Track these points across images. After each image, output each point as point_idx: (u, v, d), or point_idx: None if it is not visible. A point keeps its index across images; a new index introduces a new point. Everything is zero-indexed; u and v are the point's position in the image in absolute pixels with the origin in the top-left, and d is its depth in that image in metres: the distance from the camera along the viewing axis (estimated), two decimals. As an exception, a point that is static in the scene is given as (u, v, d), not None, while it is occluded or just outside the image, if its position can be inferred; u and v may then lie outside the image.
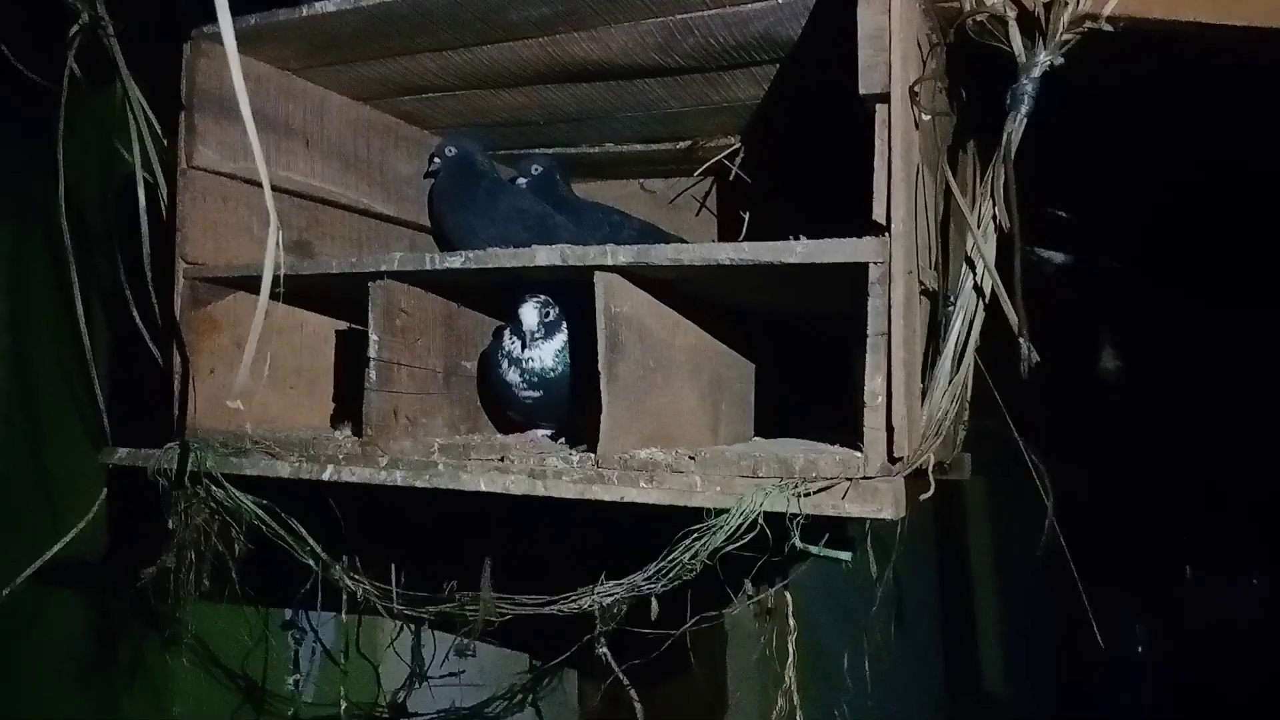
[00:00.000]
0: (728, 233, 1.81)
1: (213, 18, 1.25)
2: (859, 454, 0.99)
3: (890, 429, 0.98)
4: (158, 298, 1.41)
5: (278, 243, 1.05)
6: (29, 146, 1.80)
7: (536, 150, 1.75)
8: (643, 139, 1.71)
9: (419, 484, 1.09)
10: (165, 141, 1.48)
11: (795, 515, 0.94)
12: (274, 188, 1.42)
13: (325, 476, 1.13)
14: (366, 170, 1.60)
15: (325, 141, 1.52)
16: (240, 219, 1.39)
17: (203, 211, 1.35)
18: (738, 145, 1.65)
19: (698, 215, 1.86)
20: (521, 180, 1.68)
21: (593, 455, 1.10)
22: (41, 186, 1.63)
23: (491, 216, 1.60)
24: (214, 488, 1.20)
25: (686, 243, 1.75)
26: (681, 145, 1.70)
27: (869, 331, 0.98)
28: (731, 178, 1.68)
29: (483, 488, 1.06)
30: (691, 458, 1.06)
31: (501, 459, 1.14)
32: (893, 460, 0.99)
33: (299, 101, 1.47)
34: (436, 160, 1.64)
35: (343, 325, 1.54)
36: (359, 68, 1.44)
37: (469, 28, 1.27)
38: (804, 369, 1.61)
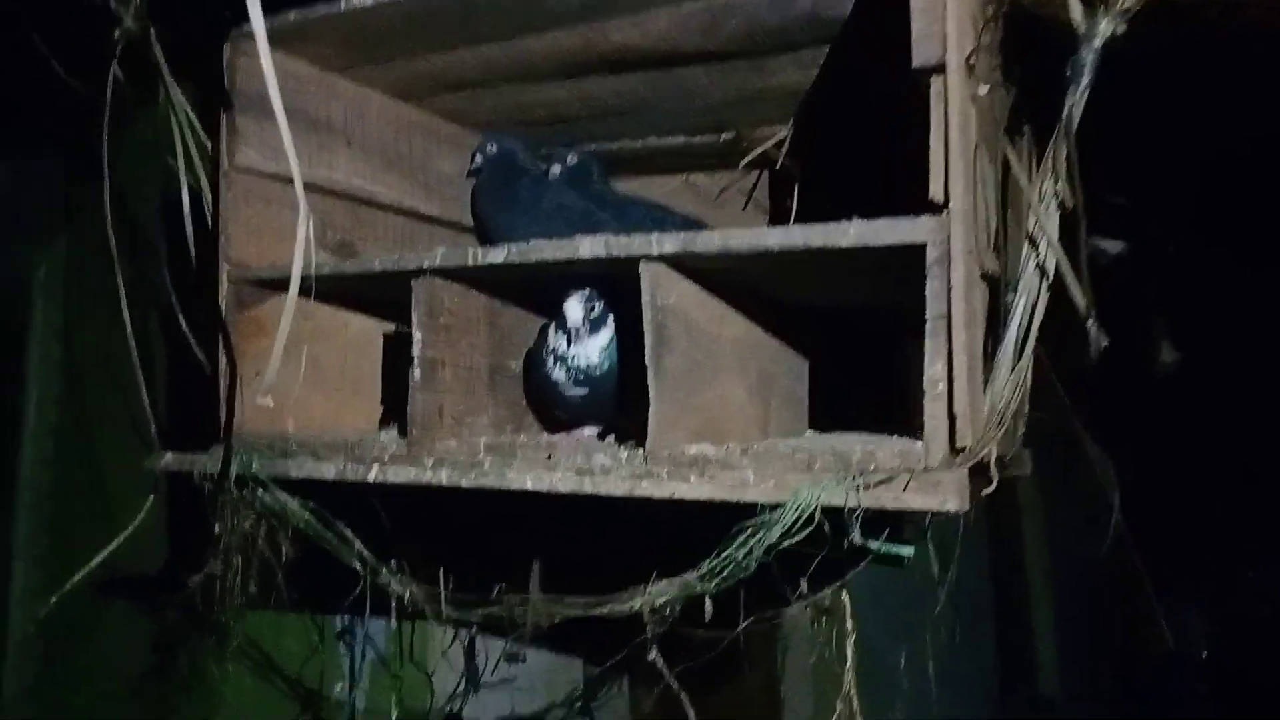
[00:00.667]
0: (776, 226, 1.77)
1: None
2: (919, 444, 0.94)
3: (952, 417, 0.93)
4: (204, 301, 1.41)
5: (309, 235, 1.02)
6: (78, 156, 1.82)
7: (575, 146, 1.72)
8: (686, 131, 1.67)
9: (465, 483, 1.07)
10: (209, 145, 1.48)
11: (854, 509, 0.89)
12: (316, 187, 1.43)
13: (370, 477, 1.11)
14: (409, 169, 1.59)
15: (367, 140, 1.51)
16: (284, 221, 1.38)
17: (246, 214, 1.35)
18: (784, 134, 1.61)
19: (745, 210, 1.82)
20: (556, 167, 1.64)
21: (641, 451, 1.07)
22: (91, 195, 1.64)
23: (534, 214, 1.58)
24: (260, 491, 1.19)
25: None
26: (726, 137, 1.66)
27: (928, 315, 0.94)
28: (778, 168, 1.63)
29: (529, 486, 1.03)
30: (744, 452, 1.02)
31: (549, 457, 1.11)
32: (955, 451, 0.95)
33: (340, 101, 1.46)
34: (478, 157, 1.62)
35: (389, 327, 1.53)
36: (398, 65, 1.42)
37: (508, 17, 1.25)
38: (858, 364, 1.57)
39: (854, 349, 1.55)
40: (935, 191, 0.94)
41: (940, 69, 0.94)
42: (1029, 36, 1.14)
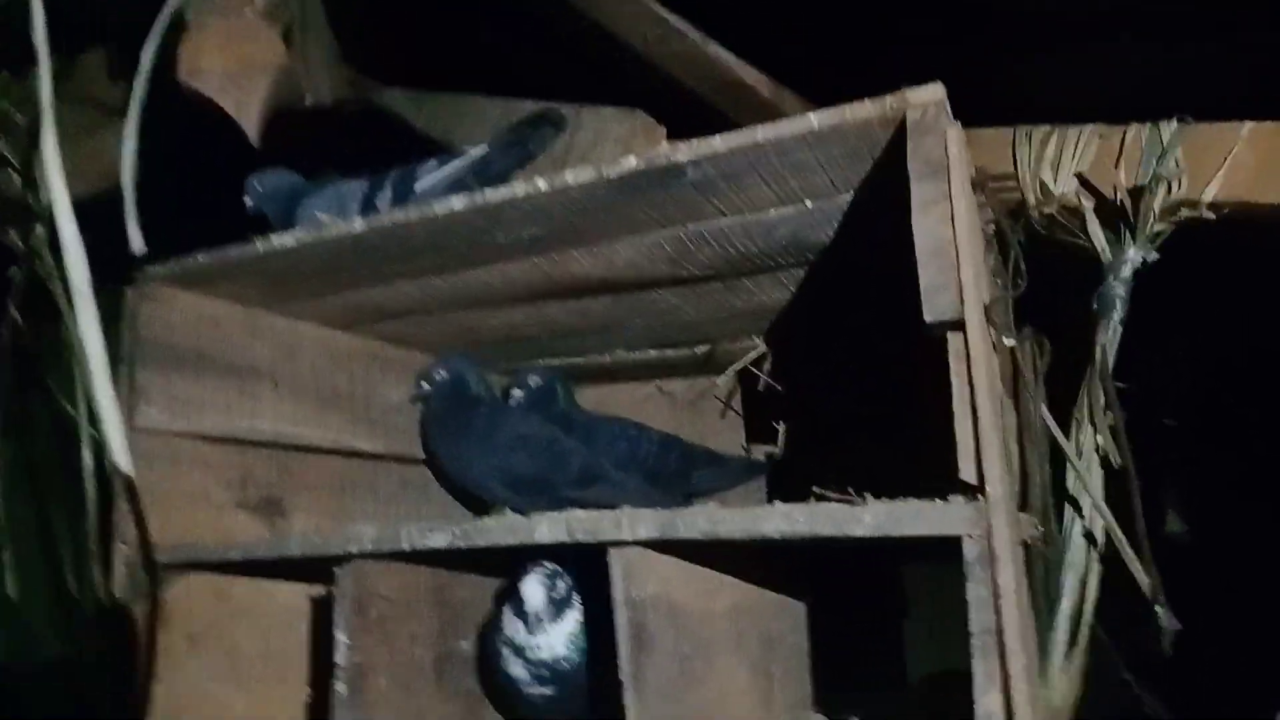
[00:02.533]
0: (755, 434, 1.60)
1: (158, 257, 1.11)
2: (978, 800, 0.73)
3: (1016, 766, 0.73)
4: (103, 579, 1.20)
5: None
6: None
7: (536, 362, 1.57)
8: (657, 345, 1.53)
9: None
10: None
11: None
12: (236, 441, 1.25)
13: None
14: (348, 404, 1.42)
15: (298, 379, 1.34)
16: (194, 484, 1.20)
17: (148, 481, 1.15)
18: (764, 349, 1.46)
19: (723, 418, 1.66)
20: (518, 392, 1.49)
21: (621, 789, 0.85)
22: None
23: (492, 446, 1.40)
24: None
25: (717, 454, 1.57)
26: (700, 350, 1.51)
27: (973, 629, 0.74)
28: (761, 386, 1.48)
29: None
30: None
31: (504, 798, 0.89)
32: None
33: (266, 340, 1.30)
34: (425, 385, 1.45)
35: (318, 591, 1.31)
36: (331, 299, 1.27)
37: (451, 253, 1.11)
38: (855, 595, 1.38)
39: (850, 581, 1.36)
40: (967, 473, 0.77)
41: (959, 325, 0.78)
42: (1047, 264, 1.01)
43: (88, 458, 1.27)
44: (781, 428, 1.48)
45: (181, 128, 1.21)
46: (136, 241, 0.88)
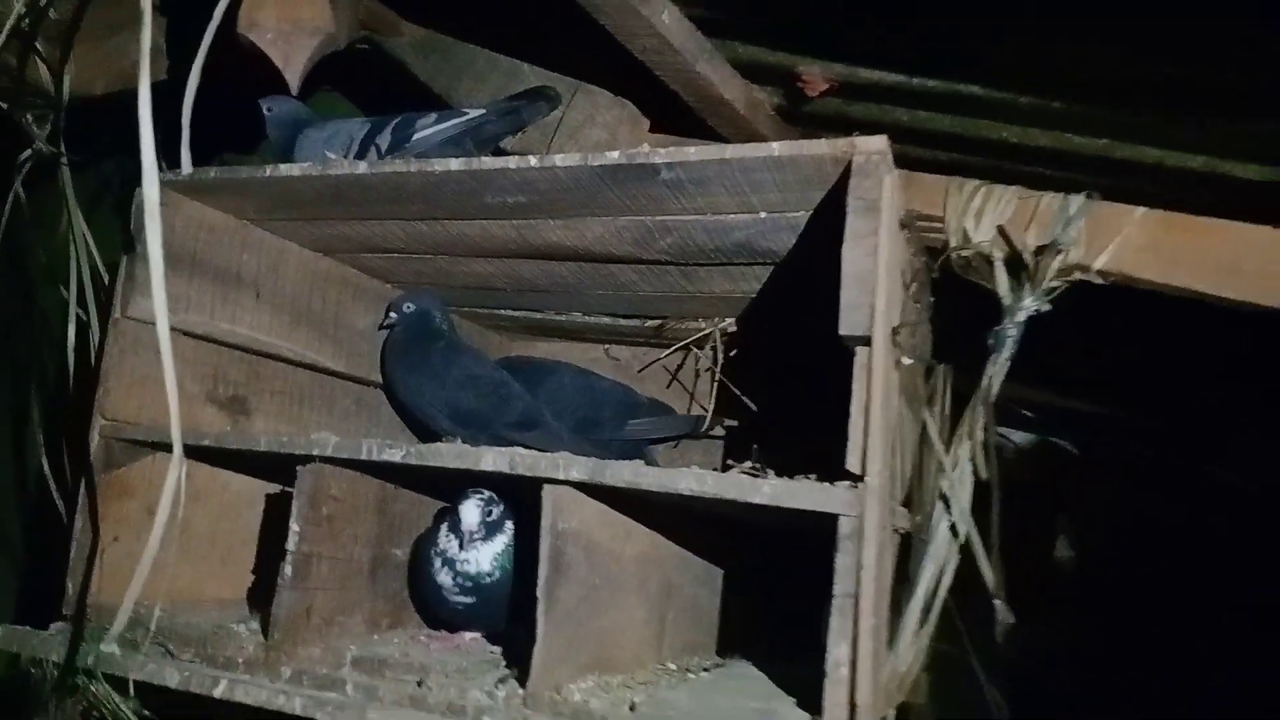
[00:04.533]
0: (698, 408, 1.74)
1: (171, 164, 1.20)
2: (817, 729, 0.89)
3: (853, 705, 0.88)
4: (70, 451, 1.30)
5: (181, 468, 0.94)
6: None
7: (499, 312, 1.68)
8: (611, 313, 1.66)
9: (320, 716, 0.97)
10: (106, 280, 1.40)
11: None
12: (214, 340, 1.35)
13: (217, 693, 1.01)
14: (319, 323, 1.52)
15: (278, 294, 1.44)
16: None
17: (131, 365, 1.26)
18: (709, 330, 1.60)
19: (668, 388, 1.80)
20: (393, 315, 1.56)
21: (521, 690, 0.99)
22: None
23: (443, 380, 1.52)
24: (92, 684, 1.07)
25: (665, 405, 1.71)
26: (651, 323, 1.64)
27: (835, 591, 0.90)
28: (699, 363, 1.62)
29: (393, 730, 0.94)
30: (631, 708, 0.95)
31: (419, 683, 1.03)
32: (852, 736, 0.90)
33: (254, 252, 1.40)
34: (393, 315, 1.57)
35: (272, 488, 1.43)
36: (321, 225, 1.37)
37: (441, 205, 1.22)
38: (770, 568, 1.53)
39: (766, 553, 1.51)
40: (852, 463, 0.91)
41: (866, 341, 0.93)
42: (954, 298, 1.16)
43: (71, 337, 1.36)
44: (712, 403, 1.60)
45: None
46: (187, 165, 0.98)
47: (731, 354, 1.59)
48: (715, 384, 1.58)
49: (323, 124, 1.41)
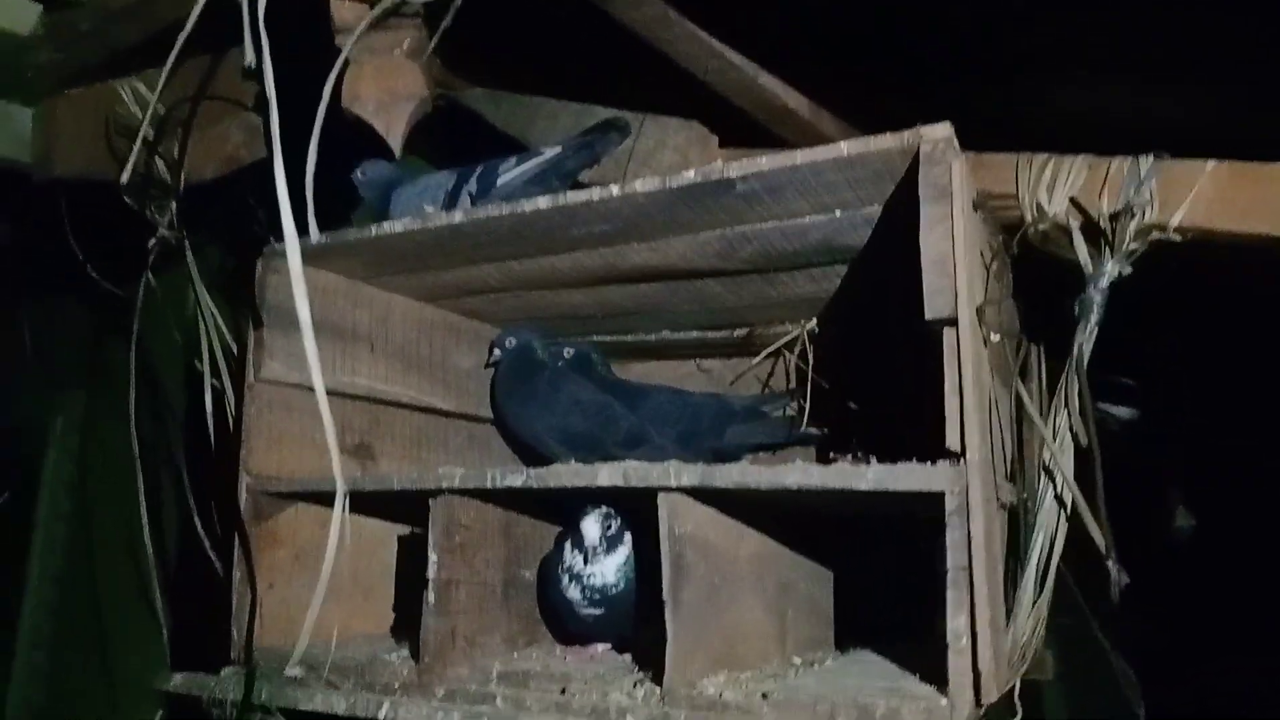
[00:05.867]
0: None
1: (277, 235, 1.30)
2: (944, 701, 0.92)
3: (977, 673, 0.91)
4: (219, 509, 1.42)
5: (344, 499, 1.03)
6: (106, 315, 1.85)
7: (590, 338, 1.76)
8: (700, 327, 1.71)
9: (476, 726, 1.04)
10: (234, 348, 1.52)
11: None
12: (338, 393, 1.45)
13: (381, 715, 1.09)
14: (428, 368, 1.62)
15: (390, 344, 1.54)
16: (304, 428, 1.40)
17: (268, 423, 1.37)
18: (797, 333, 1.64)
19: (763, 393, 1.84)
20: (496, 352, 1.66)
21: (658, 689, 1.05)
22: (114, 358, 1.67)
23: (552, 407, 1.60)
24: (267, 719, 1.16)
25: (759, 410, 1.75)
26: (739, 333, 1.69)
27: (949, 565, 0.93)
28: (792, 365, 1.66)
29: (544, 733, 1.01)
30: (764, 696, 1.00)
31: (563, 691, 1.09)
32: (979, 705, 0.93)
33: (365, 308, 1.51)
34: (497, 351, 1.65)
35: (402, 530, 1.53)
36: (424, 275, 1.47)
37: (532, 243, 1.30)
38: (877, 565, 1.56)
39: (872, 550, 1.54)
40: (952, 441, 0.95)
41: (952, 322, 0.96)
42: (1035, 269, 1.18)
43: (209, 405, 1.48)
44: (807, 404, 1.64)
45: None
46: (314, 232, 1.08)
47: (821, 354, 1.62)
48: (809, 382, 1.62)
49: (413, 181, 1.51)
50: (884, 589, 1.53)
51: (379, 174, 1.52)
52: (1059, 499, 1.09)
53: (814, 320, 1.61)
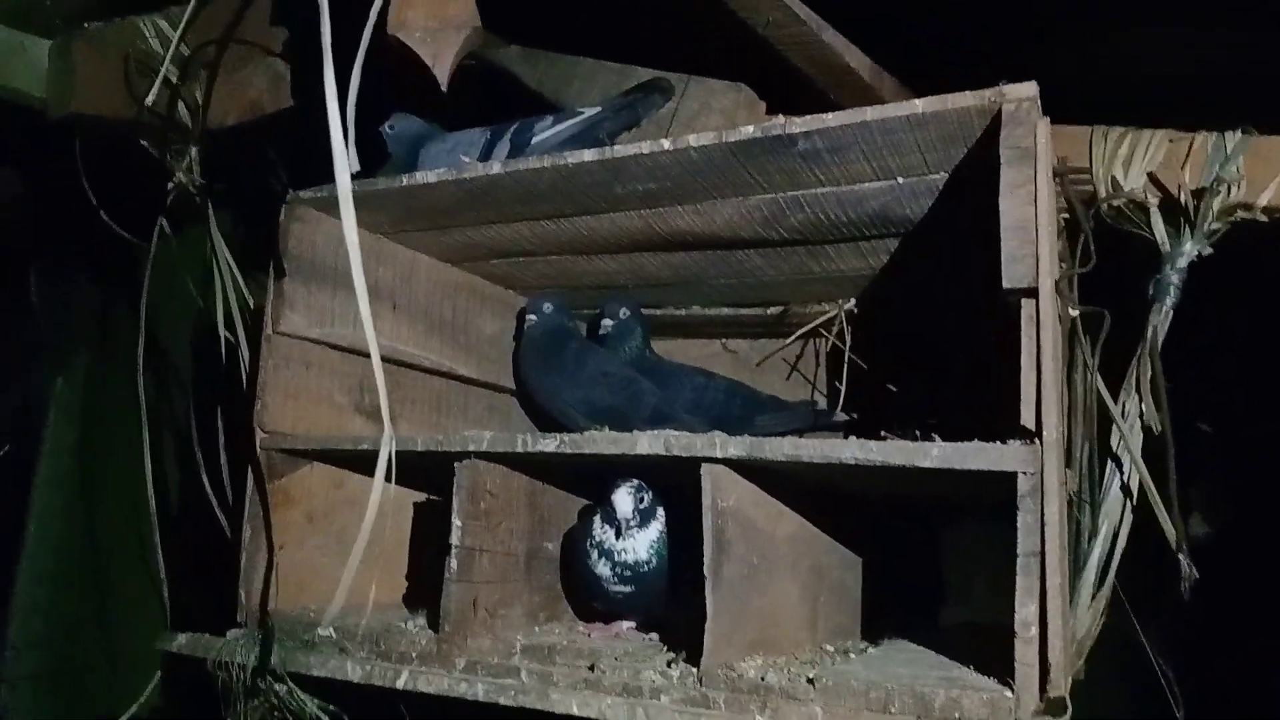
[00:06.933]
0: (820, 399, 1.72)
1: (308, 182, 1.24)
2: (1009, 693, 0.86)
3: (1045, 665, 0.85)
4: (230, 466, 1.35)
5: (391, 445, 0.96)
6: (113, 277, 1.79)
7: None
8: (733, 303, 1.65)
9: (503, 700, 0.98)
10: (250, 302, 1.45)
11: (947, 776, 0.81)
12: (357, 351, 1.39)
13: (400, 684, 1.03)
14: (451, 332, 1.56)
15: (412, 304, 1.48)
16: (322, 386, 1.34)
17: (284, 378, 1.30)
18: (835, 313, 1.57)
19: (788, 379, 1.78)
20: (608, 322, 1.60)
21: (694, 670, 0.99)
22: (119, 321, 1.61)
23: (578, 379, 1.54)
24: (276, 684, 1.10)
25: (782, 400, 1.69)
26: (773, 310, 1.63)
27: (1019, 551, 0.87)
28: (828, 347, 1.60)
29: (575, 710, 0.95)
30: (810, 681, 0.94)
31: (591, 667, 1.03)
32: (1044, 698, 0.87)
33: (389, 265, 1.44)
34: (532, 316, 1.58)
35: (419, 496, 1.46)
36: (452, 233, 1.41)
37: (572, 200, 1.24)
38: (901, 551, 1.51)
39: (896, 536, 1.49)
40: (1027, 418, 0.89)
41: (1033, 293, 0.90)
42: (1103, 244, 1.12)
43: (223, 356, 1.41)
44: (844, 385, 1.58)
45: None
46: (354, 164, 1.01)
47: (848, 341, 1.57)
48: (845, 364, 1.56)
49: (444, 137, 1.45)
50: (898, 579, 1.48)
51: (408, 128, 1.45)
52: (1125, 488, 1.03)
53: (853, 300, 1.55)
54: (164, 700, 1.43)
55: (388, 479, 0.99)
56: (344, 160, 0.94)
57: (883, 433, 1.24)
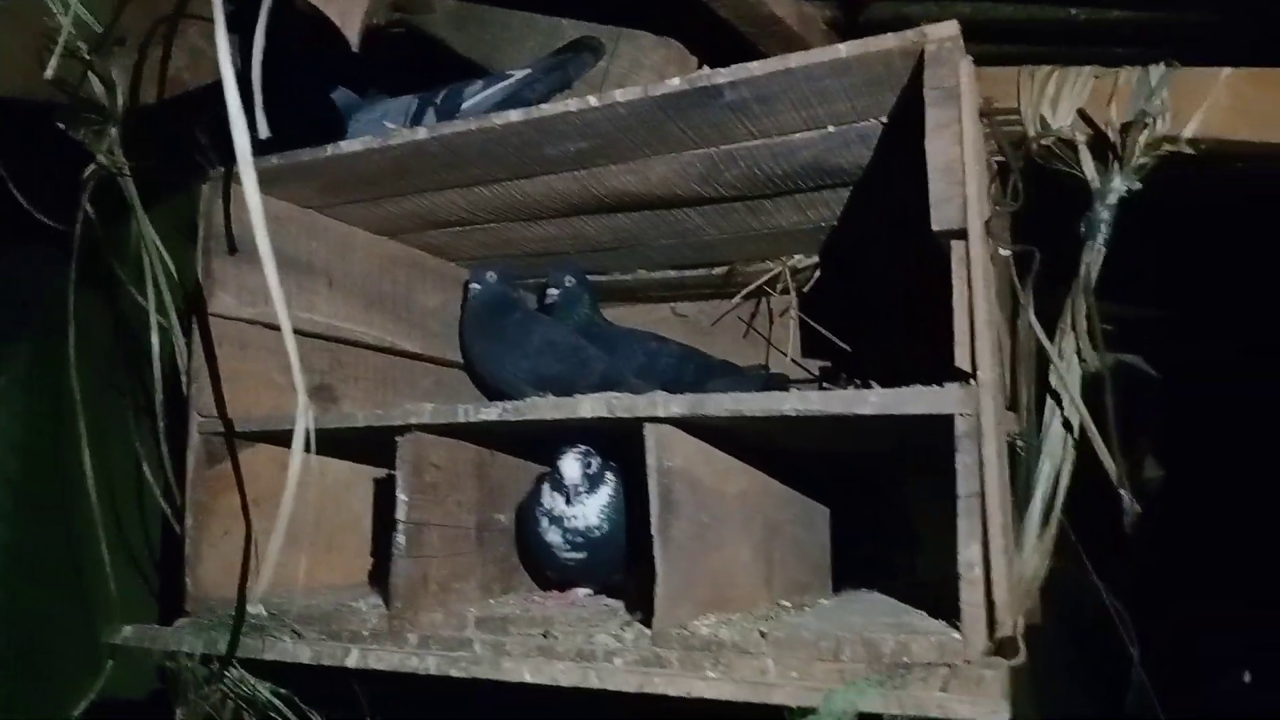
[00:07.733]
0: (777, 355, 1.71)
1: (233, 158, 1.20)
2: (956, 635, 0.87)
3: (991, 604, 0.86)
4: (170, 453, 1.32)
5: (308, 416, 0.94)
6: (48, 263, 1.73)
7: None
8: (676, 265, 1.64)
9: (455, 673, 0.97)
10: (181, 285, 1.41)
11: (895, 717, 0.81)
12: (296, 331, 1.36)
13: (349, 663, 1.02)
14: (392, 306, 1.53)
15: (349, 279, 1.45)
16: (260, 367, 1.31)
17: (219, 360, 1.27)
18: (778, 269, 1.57)
19: (745, 337, 1.76)
20: (553, 291, 1.58)
21: (647, 631, 0.98)
22: (59, 310, 1.55)
23: (524, 348, 1.52)
24: (226, 671, 1.08)
25: (734, 365, 1.68)
26: (717, 271, 1.62)
27: (960, 493, 0.87)
28: (783, 306, 1.59)
29: (528, 678, 0.94)
30: (762, 634, 0.94)
31: (545, 634, 1.03)
32: (994, 639, 0.87)
33: (322, 239, 1.41)
34: (475, 287, 1.56)
35: (377, 473, 1.44)
36: (385, 204, 1.38)
37: (502, 163, 1.21)
38: (863, 505, 1.51)
39: (858, 490, 1.49)
40: (961, 360, 0.89)
41: (961, 234, 0.90)
42: (1037, 186, 1.12)
43: (155, 343, 1.37)
44: (793, 344, 1.57)
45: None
46: (263, 129, 0.97)
47: (806, 293, 1.56)
48: (794, 322, 1.55)
49: (371, 106, 1.42)
50: (871, 534, 1.49)
51: (342, 100, 1.42)
52: (1066, 426, 1.04)
53: (799, 257, 1.54)
54: (119, 693, 1.41)
55: (307, 450, 0.95)
56: (242, 123, 0.91)
57: (823, 384, 1.25)
